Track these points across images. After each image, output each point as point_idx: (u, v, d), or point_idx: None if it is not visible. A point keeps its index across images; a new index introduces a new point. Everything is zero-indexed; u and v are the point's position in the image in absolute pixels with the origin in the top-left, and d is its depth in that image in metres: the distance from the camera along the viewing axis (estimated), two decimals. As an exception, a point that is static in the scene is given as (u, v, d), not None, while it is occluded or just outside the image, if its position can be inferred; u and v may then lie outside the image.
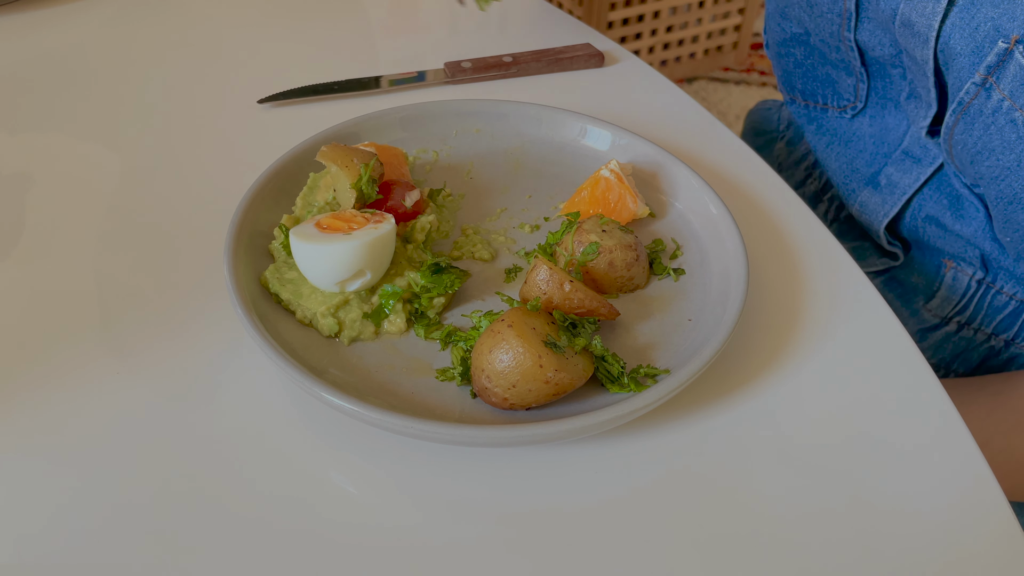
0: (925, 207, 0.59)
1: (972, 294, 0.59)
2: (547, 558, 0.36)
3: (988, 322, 0.59)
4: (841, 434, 0.41)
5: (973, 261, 0.58)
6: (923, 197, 0.59)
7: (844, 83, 0.61)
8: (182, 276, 0.48)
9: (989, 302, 0.58)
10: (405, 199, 0.47)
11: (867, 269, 0.65)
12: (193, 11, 0.75)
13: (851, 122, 0.63)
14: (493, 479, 0.39)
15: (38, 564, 0.35)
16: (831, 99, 0.64)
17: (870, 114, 0.62)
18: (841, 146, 0.65)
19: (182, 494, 0.37)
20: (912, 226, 0.61)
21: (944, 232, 0.58)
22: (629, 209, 0.49)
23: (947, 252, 0.59)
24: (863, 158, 0.63)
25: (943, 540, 0.37)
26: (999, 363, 0.61)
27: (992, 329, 0.60)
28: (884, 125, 0.61)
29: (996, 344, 0.60)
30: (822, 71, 0.63)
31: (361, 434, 0.40)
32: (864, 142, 0.63)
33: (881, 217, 0.61)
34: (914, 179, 0.59)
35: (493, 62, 0.67)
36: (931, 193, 0.58)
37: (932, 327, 0.62)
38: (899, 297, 0.64)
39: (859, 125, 0.63)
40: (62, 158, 0.57)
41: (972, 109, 0.48)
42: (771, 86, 2.02)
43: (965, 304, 0.59)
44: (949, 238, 0.58)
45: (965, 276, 0.59)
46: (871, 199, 0.62)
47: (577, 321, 0.41)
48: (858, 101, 0.61)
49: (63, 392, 0.41)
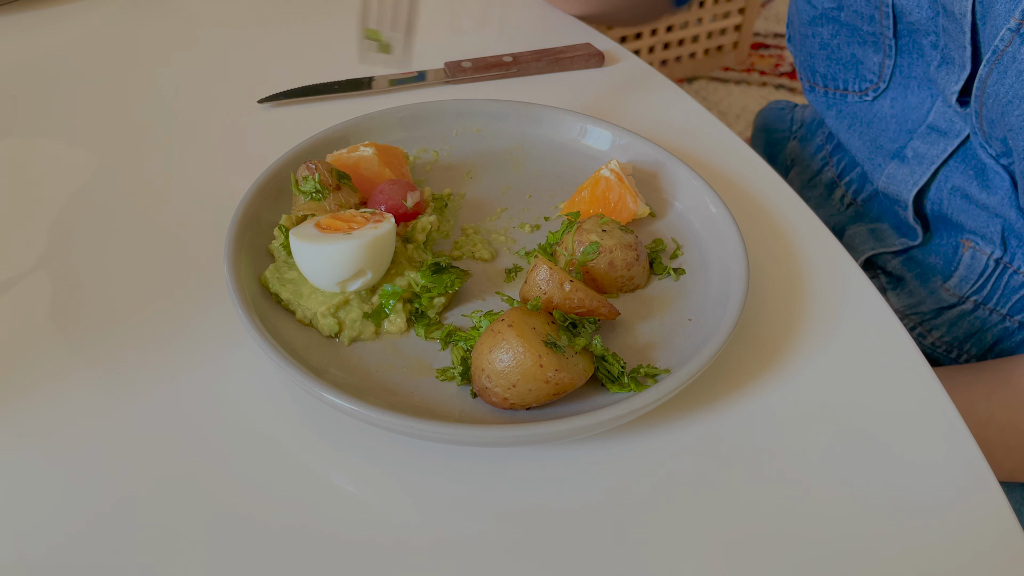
0: (951, 178, 0.59)
1: (990, 274, 0.59)
2: (547, 557, 0.36)
3: (1004, 302, 0.60)
4: (841, 433, 0.41)
5: (993, 238, 0.58)
6: (949, 168, 0.59)
7: (870, 62, 0.62)
8: (182, 276, 0.48)
9: (1006, 283, 0.59)
10: (407, 199, 0.47)
11: (886, 249, 0.66)
12: (193, 11, 0.75)
13: (871, 105, 0.64)
14: (493, 479, 0.39)
15: (38, 563, 0.35)
16: (852, 83, 0.64)
17: (891, 96, 0.62)
18: (863, 127, 0.65)
19: (182, 494, 0.37)
20: (937, 198, 0.61)
21: (969, 204, 0.59)
22: (629, 209, 0.49)
23: (967, 228, 0.60)
24: (886, 136, 0.63)
25: (943, 539, 0.37)
26: (1012, 344, 0.62)
27: (1007, 310, 0.60)
28: (906, 105, 0.62)
29: (1010, 325, 0.61)
30: (847, 51, 0.63)
31: (361, 434, 0.40)
32: (886, 122, 0.63)
33: (910, 187, 0.62)
34: (941, 150, 0.59)
35: (493, 62, 0.67)
36: (957, 164, 0.59)
37: (948, 306, 0.63)
38: (917, 276, 0.64)
39: (879, 107, 0.63)
40: (61, 158, 0.57)
41: (1006, 57, 0.48)
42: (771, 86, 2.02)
43: (982, 284, 0.60)
44: (973, 211, 0.59)
45: (983, 255, 0.59)
46: (898, 171, 0.62)
47: (577, 321, 0.41)
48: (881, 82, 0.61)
49: (63, 391, 0.41)
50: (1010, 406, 0.53)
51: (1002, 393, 0.54)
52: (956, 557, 0.37)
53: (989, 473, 0.39)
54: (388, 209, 0.47)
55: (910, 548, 0.37)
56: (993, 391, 0.54)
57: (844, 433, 0.41)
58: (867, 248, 0.67)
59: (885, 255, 0.67)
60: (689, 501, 0.38)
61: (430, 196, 0.51)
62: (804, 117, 0.80)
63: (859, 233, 0.68)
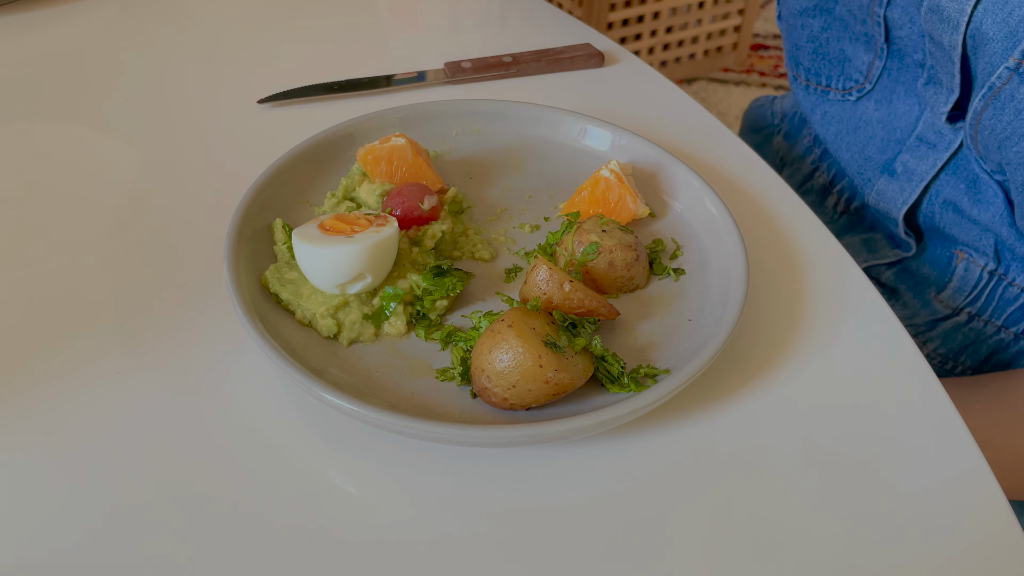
0: (943, 192, 0.59)
1: (984, 285, 0.59)
2: (547, 557, 0.36)
3: (999, 314, 0.59)
4: (841, 433, 0.41)
5: (986, 251, 0.58)
6: (940, 183, 0.59)
7: (859, 60, 0.61)
8: (182, 276, 0.48)
9: (1000, 294, 0.59)
10: (423, 202, 0.47)
11: (879, 260, 0.65)
12: (193, 11, 0.75)
13: (855, 106, 0.63)
14: (493, 479, 0.39)
15: (39, 563, 0.35)
16: (836, 80, 0.63)
17: (876, 98, 0.61)
18: (850, 134, 0.64)
19: (181, 494, 0.37)
20: (929, 213, 0.60)
21: (961, 218, 0.58)
22: (629, 209, 0.49)
23: (961, 241, 0.59)
24: (874, 145, 0.62)
25: (943, 539, 0.37)
26: (1008, 357, 0.61)
27: (1002, 322, 0.60)
28: (892, 110, 0.61)
29: (1006, 337, 0.60)
30: (836, 46, 0.62)
31: (361, 434, 0.40)
32: (872, 128, 0.62)
33: (900, 205, 0.61)
34: (931, 165, 0.58)
35: (493, 62, 0.67)
36: (948, 178, 0.58)
37: (943, 317, 0.62)
38: (911, 288, 0.64)
39: (864, 109, 0.62)
40: (61, 158, 0.57)
41: (1003, 94, 0.48)
42: (771, 87, 2.02)
43: (976, 295, 0.59)
44: (965, 225, 0.58)
45: (977, 267, 0.59)
46: (888, 187, 0.61)
47: (577, 321, 0.41)
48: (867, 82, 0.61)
49: (63, 392, 0.41)
50: (1010, 429, 0.53)
51: (1002, 415, 0.54)
52: (956, 554, 0.37)
53: (988, 472, 0.39)
54: (404, 211, 0.47)
55: (911, 549, 0.37)
56: (993, 412, 0.54)
57: (844, 432, 0.41)
58: (860, 260, 0.66)
59: (879, 267, 0.66)
60: (689, 501, 0.38)
61: (454, 195, 0.50)
62: (785, 108, 0.79)
63: (852, 245, 0.68)
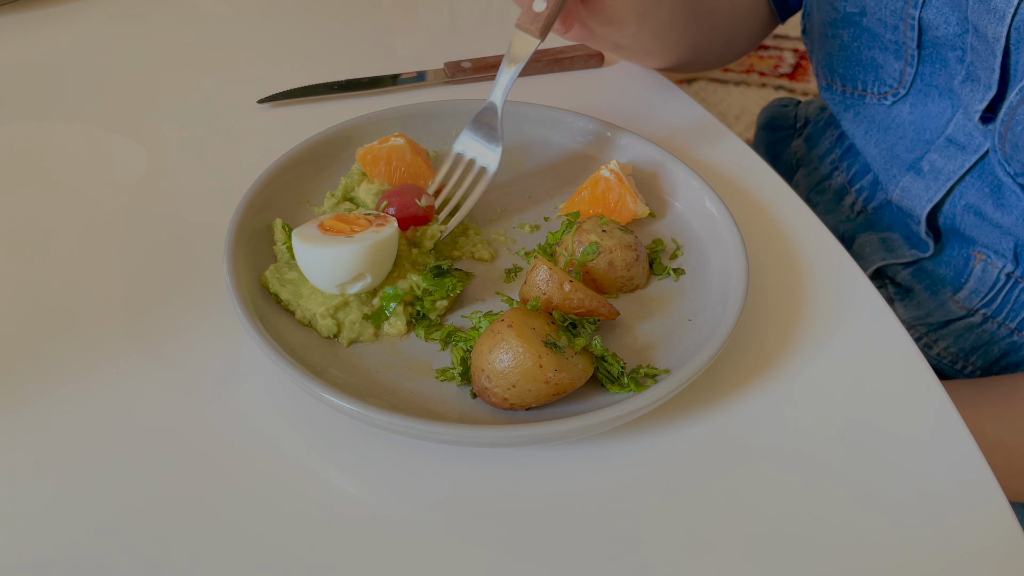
0: (966, 196, 0.59)
1: (1000, 287, 0.59)
2: (547, 557, 0.36)
3: (1013, 316, 0.59)
4: (841, 433, 0.41)
5: (1005, 253, 0.58)
6: (965, 185, 0.59)
7: (890, 67, 0.61)
8: (182, 276, 0.48)
9: (1016, 297, 0.58)
10: (421, 200, 0.47)
11: (896, 260, 0.65)
12: (193, 11, 0.75)
13: (890, 109, 0.62)
14: (493, 479, 0.39)
15: (38, 563, 0.35)
16: (871, 85, 0.63)
17: (911, 101, 0.61)
18: (880, 133, 0.64)
19: (181, 493, 0.37)
20: (950, 215, 0.60)
21: (982, 221, 0.58)
22: (629, 209, 0.49)
23: (980, 243, 0.59)
24: (903, 144, 0.62)
25: (943, 538, 0.37)
26: (1019, 359, 0.61)
27: (1016, 324, 0.59)
28: (925, 113, 0.60)
29: (1018, 339, 0.60)
30: (868, 55, 0.62)
31: (361, 434, 0.40)
32: (904, 129, 0.62)
33: (924, 203, 0.61)
34: (958, 166, 0.58)
35: (493, 62, 0.67)
36: (973, 181, 0.58)
37: (957, 318, 0.62)
38: (927, 288, 0.63)
39: (898, 112, 0.62)
40: (61, 158, 0.57)
41: None
42: (771, 87, 2.02)
43: (992, 297, 0.59)
44: (986, 228, 0.58)
45: (995, 269, 0.58)
46: (913, 184, 0.61)
47: (577, 321, 0.41)
48: (901, 88, 0.60)
49: (62, 392, 0.41)
50: (1020, 431, 0.52)
51: (1012, 417, 0.53)
52: (956, 554, 0.37)
53: (988, 471, 0.39)
54: (400, 211, 0.47)
55: (912, 549, 0.37)
56: (1003, 414, 0.54)
57: (844, 434, 0.41)
58: (877, 258, 0.66)
59: (895, 266, 0.66)
60: (688, 501, 0.38)
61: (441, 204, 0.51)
62: (808, 114, 0.79)
63: (869, 243, 0.67)
